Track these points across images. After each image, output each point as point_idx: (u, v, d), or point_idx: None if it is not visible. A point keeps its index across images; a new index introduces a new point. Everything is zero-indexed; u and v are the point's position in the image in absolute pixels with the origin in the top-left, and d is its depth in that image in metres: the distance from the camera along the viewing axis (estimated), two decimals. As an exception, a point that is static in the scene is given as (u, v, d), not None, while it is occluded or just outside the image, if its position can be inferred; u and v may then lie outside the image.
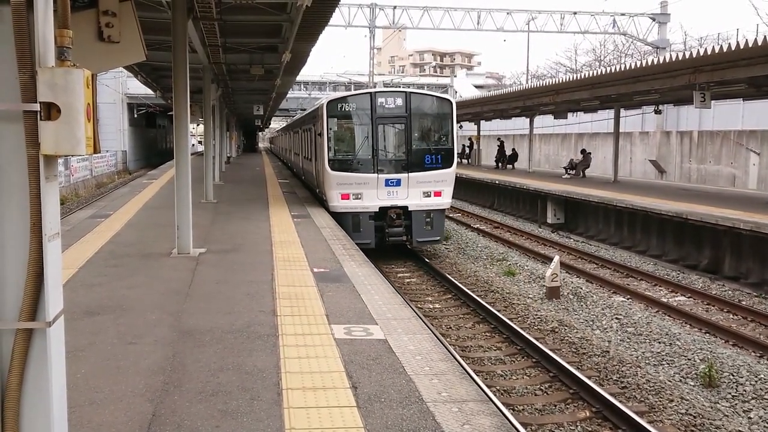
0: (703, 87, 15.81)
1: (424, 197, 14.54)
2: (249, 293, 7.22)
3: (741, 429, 6.78)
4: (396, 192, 14.39)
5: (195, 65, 14.91)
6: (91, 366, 4.95)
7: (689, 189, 20.90)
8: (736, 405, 7.31)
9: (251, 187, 20.91)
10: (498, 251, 16.36)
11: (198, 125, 42.32)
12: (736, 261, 13.17)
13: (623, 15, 39.44)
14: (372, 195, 14.34)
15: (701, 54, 13.33)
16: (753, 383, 7.77)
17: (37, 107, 2.44)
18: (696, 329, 10.04)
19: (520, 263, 14.81)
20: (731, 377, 7.96)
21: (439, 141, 14.94)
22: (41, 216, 2.48)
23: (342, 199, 14.34)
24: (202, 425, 4.00)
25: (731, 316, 10.82)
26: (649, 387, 7.75)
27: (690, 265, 14.20)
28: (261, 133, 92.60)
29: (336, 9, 13.57)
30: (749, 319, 10.53)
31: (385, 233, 14.44)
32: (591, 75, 18.81)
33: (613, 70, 17.24)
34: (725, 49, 12.50)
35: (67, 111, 2.45)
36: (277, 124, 75.94)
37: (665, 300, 11.68)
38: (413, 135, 14.54)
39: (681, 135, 26.84)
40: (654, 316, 10.70)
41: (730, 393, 7.60)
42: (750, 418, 7.01)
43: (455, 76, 67.07)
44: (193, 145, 47.21)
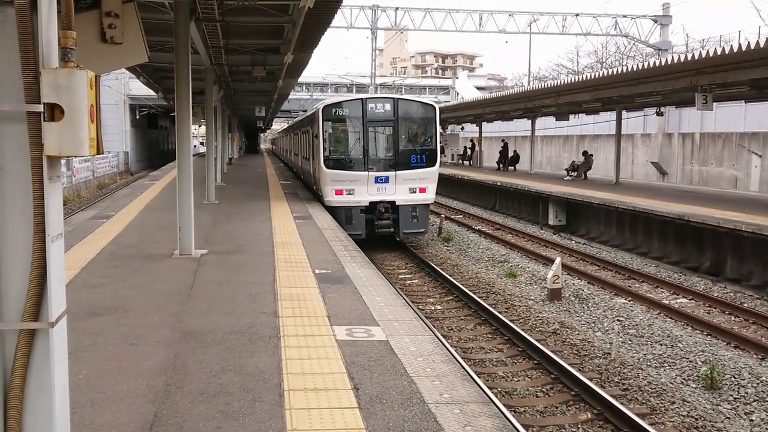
0: (705, 89, 15.81)
1: (410, 193, 15.88)
2: (250, 294, 7.22)
3: (742, 431, 6.78)
4: (385, 188, 15.78)
5: (197, 66, 14.94)
6: (93, 367, 4.96)
7: (691, 191, 20.88)
8: (737, 407, 7.30)
9: (253, 189, 20.93)
10: (499, 253, 16.36)
11: (200, 126, 42.34)
12: (737, 263, 13.15)
13: (625, 17, 39.46)
14: (363, 191, 15.69)
15: (703, 56, 13.33)
16: (755, 385, 7.76)
17: (41, 108, 2.45)
18: (698, 331, 10.03)
19: (521, 265, 14.81)
20: (733, 379, 7.95)
21: (424, 142, 16.26)
22: (44, 217, 2.49)
23: (336, 195, 15.71)
24: (203, 426, 4.00)
25: (733, 318, 10.81)
26: (651, 389, 7.74)
27: (692, 267, 14.19)
28: (263, 135, 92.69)
29: (338, 11, 13.61)
30: (751, 321, 10.52)
31: (375, 225, 15.75)
32: (593, 77, 18.81)
33: (615, 72, 17.23)
34: (727, 51, 12.50)
35: (71, 112, 2.46)
36: (279, 125, 76.01)
37: (667, 302, 11.67)
38: (400, 137, 15.93)
39: (683, 137, 26.83)
40: (656, 318, 10.69)
41: (731, 395, 7.59)
42: (752, 420, 7.00)
43: (457, 77, 67.10)
44: (195, 147, 47.22)
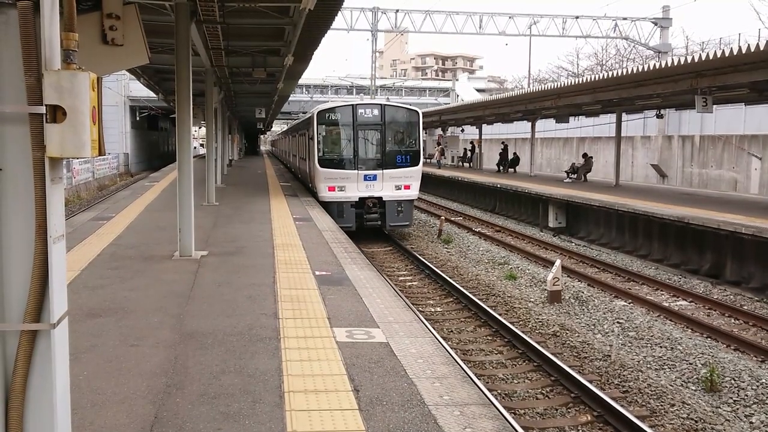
0: (705, 91, 15.82)
1: (395, 190, 17.54)
2: (251, 296, 7.23)
3: (742, 434, 6.78)
4: (373, 185, 17.41)
5: (197, 68, 14.97)
6: (94, 368, 4.96)
7: (691, 193, 20.89)
8: (737, 409, 7.30)
9: (253, 190, 20.94)
10: (499, 255, 16.36)
11: (200, 128, 42.38)
12: (737, 265, 13.16)
13: (625, 19, 39.49)
14: (353, 187, 17.33)
15: (703, 59, 13.34)
16: (754, 388, 7.77)
17: (43, 110, 2.46)
18: (697, 334, 10.03)
19: (521, 267, 14.81)
20: (733, 382, 7.95)
21: (408, 144, 17.88)
22: (46, 218, 2.50)
23: (329, 191, 17.30)
24: (204, 428, 4.00)
25: (733, 320, 10.81)
26: (651, 391, 7.74)
27: (691, 270, 14.19)
28: (263, 136, 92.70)
29: (338, 12, 13.64)
30: (751, 324, 10.52)
31: (364, 218, 17.41)
32: (593, 79, 18.82)
33: (615, 74, 17.24)
34: (727, 54, 12.50)
35: (73, 114, 2.47)
36: (279, 127, 76.04)
37: (667, 304, 11.67)
38: (387, 139, 17.57)
39: (683, 139, 26.85)
40: (655, 320, 10.70)
41: (731, 397, 7.59)
42: (752, 422, 7.01)
43: (457, 79, 67.07)
44: (195, 148, 47.24)
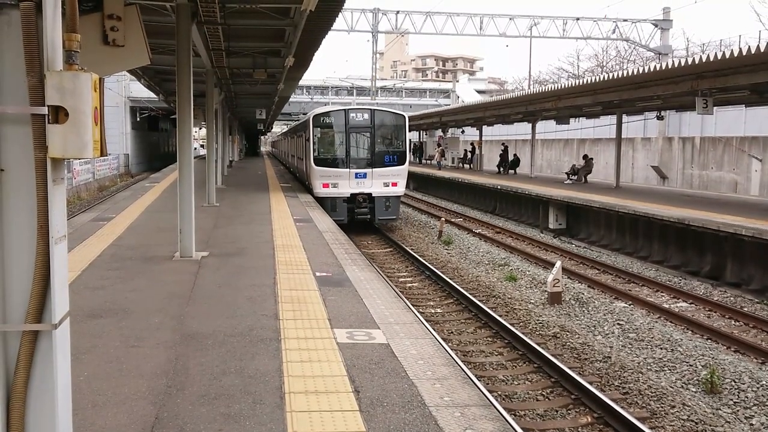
0: (706, 93, 15.83)
1: (384, 186, 19.08)
2: (251, 297, 7.23)
3: (743, 435, 6.78)
4: (363, 182, 18.96)
5: (198, 69, 14.98)
6: (94, 368, 4.96)
7: (691, 195, 20.90)
8: (737, 411, 7.30)
9: (253, 191, 20.95)
10: (500, 256, 16.36)
11: (200, 129, 42.39)
12: (738, 267, 13.16)
13: (625, 21, 39.53)
14: (345, 184, 18.89)
15: (704, 60, 13.34)
16: (755, 390, 7.77)
17: (45, 110, 2.46)
18: (698, 335, 10.02)
19: (521, 268, 14.81)
20: (733, 383, 7.95)
21: (396, 145, 19.62)
22: (48, 219, 2.50)
23: (323, 188, 18.92)
24: (204, 429, 4.00)
25: (733, 322, 10.81)
26: (651, 393, 7.74)
27: (692, 272, 14.19)
28: (263, 137, 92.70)
29: (339, 14, 13.65)
30: (751, 326, 10.52)
31: (355, 212, 18.96)
32: (593, 81, 18.83)
33: (616, 76, 17.25)
34: (728, 56, 12.51)
35: (75, 114, 2.47)
36: (280, 128, 76.06)
37: (667, 306, 11.67)
38: (376, 140, 19.20)
39: (683, 141, 26.86)
40: (656, 322, 10.69)
41: (731, 399, 7.59)
42: (752, 424, 7.00)
43: (457, 81, 67.14)
44: (196, 149, 47.24)
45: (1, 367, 2.54)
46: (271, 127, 72.11)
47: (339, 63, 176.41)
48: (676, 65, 14.44)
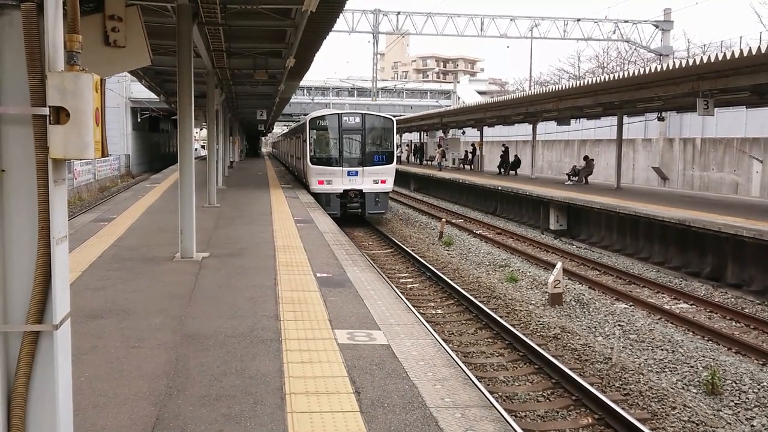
0: (707, 94, 15.82)
1: (374, 183, 20.86)
2: (252, 298, 7.23)
3: (744, 437, 6.77)
4: (355, 179, 20.76)
5: (199, 70, 14.98)
6: (95, 369, 4.96)
7: (692, 196, 20.89)
8: (738, 412, 7.29)
9: (254, 192, 20.99)
10: (500, 257, 16.36)
11: (201, 129, 42.41)
12: (738, 268, 13.15)
13: (626, 22, 39.54)
14: (339, 181, 20.70)
15: (704, 61, 13.33)
16: (756, 391, 7.76)
17: (47, 111, 2.46)
18: (699, 336, 10.02)
19: (522, 269, 14.81)
20: (734, 385, 7.95)
21: (385, 146, 21.47)
22: (49, 219, 2.50)
23: (318, 184, 20.73)
24: (205, 429, 4.00)
25: (734, 323, 10.80)
26: (652, 394, 7.74)
27: (693, 273, 14.18)
28: (264, 138, 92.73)
29: (340, 15, 13.66)
30: (752, 327, 10.51)
31: (347, 207, 20.66)
32: (594, 82, 18.81)
33: (616, 77, 17.24)
34: (728, 57, 12.51)
35: (76, 115, 2.47)
36: (280, 128, 76.03)
37: (668, 307, 11.66)
38: (367, 142, 21.03)
39: (684, 142, 26.85)
40: (656, 323, 10.69)
41: (732, 400, 7.58)
42: (753, 426, 7.00)
43: (458, 81, 67.18)
44: (196, 150, 47.24)
45: (3, 368, 2.54)
46: (272, 128, 72.13)
47: (340, 64, 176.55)
48: (676, 66, 14.43)
